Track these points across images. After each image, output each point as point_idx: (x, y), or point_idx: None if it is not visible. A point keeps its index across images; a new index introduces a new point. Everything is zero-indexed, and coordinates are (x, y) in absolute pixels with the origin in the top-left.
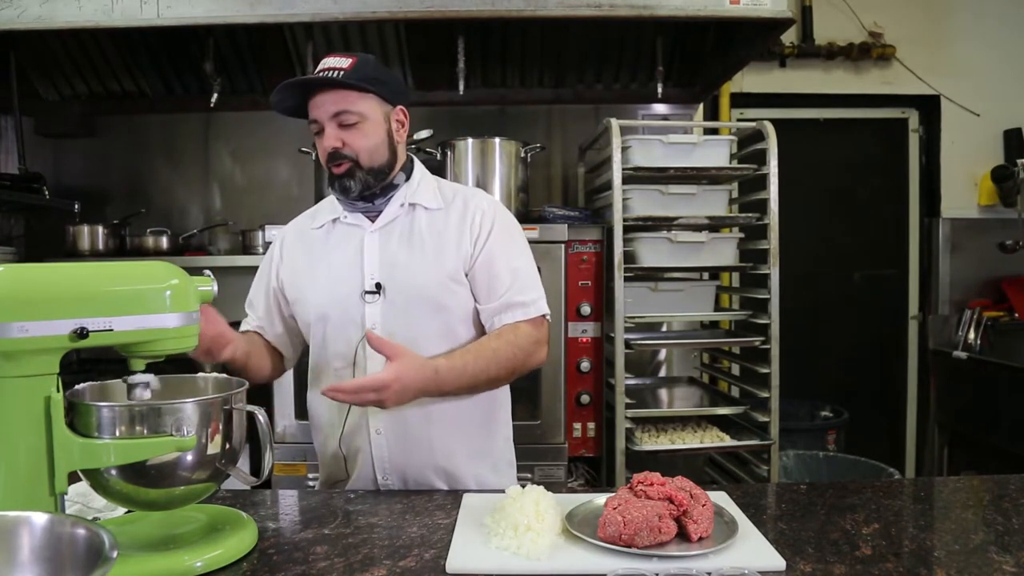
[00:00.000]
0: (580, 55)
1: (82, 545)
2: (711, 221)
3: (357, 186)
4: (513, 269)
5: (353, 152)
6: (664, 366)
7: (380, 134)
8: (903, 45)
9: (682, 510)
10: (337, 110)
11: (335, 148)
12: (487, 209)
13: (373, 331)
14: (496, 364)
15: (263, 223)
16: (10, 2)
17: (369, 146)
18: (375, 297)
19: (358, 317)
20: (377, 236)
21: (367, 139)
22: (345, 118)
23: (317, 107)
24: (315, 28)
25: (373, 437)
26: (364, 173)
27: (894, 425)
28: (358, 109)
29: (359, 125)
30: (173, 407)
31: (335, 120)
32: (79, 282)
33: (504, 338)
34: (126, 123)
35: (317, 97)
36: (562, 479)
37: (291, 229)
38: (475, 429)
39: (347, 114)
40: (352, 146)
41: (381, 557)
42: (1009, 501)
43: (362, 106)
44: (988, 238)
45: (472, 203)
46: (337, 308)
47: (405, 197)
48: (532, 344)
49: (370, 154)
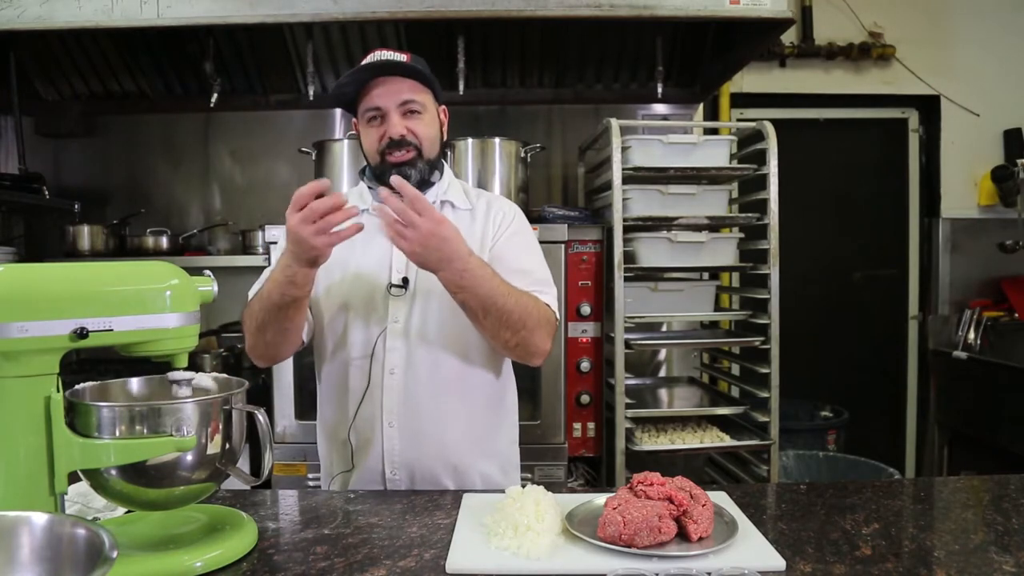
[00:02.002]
0: (580, 55)
1: (82, 545)
2: (711, 221)
3: (417, 175)
4: (529, 268)
5: (417, 140)
6: (664, 366)
7: (436, 127)
8: (903, 45)
9: (682, 510)
10: (405, 98)
11: (401, 135)
12: (508, 211)
13: (395, 325)
14: (513, 303)
15: (263, 223)
16: (10, 2)
17: (431, 136)
18: (401, 291)
19: (382, 310)
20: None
21: (429, 129)
22: (412, 105)
23: (384, 95)
24: (315, 28)
25: (386, 429)
26: (424, 162)
27: (894, 425)
28: (422, 99)
29: (423, 115)
30: (173, 407)
31: (402, 108)
32: (79, 282)
33: (526, 294)
34: (126, 123)
35: (383, 86)
36: (562, 479)
37: None
38: (485, 429)
39: (413, 103)
40: (417, 134)
41: (381, 557)
42: (1009, 501)
43: (424, 98)
44: (988, 238)
45: (495, 205)
46: (361, 299)
47: (437, 195)
48: (545, 322)
49: (431, 144)
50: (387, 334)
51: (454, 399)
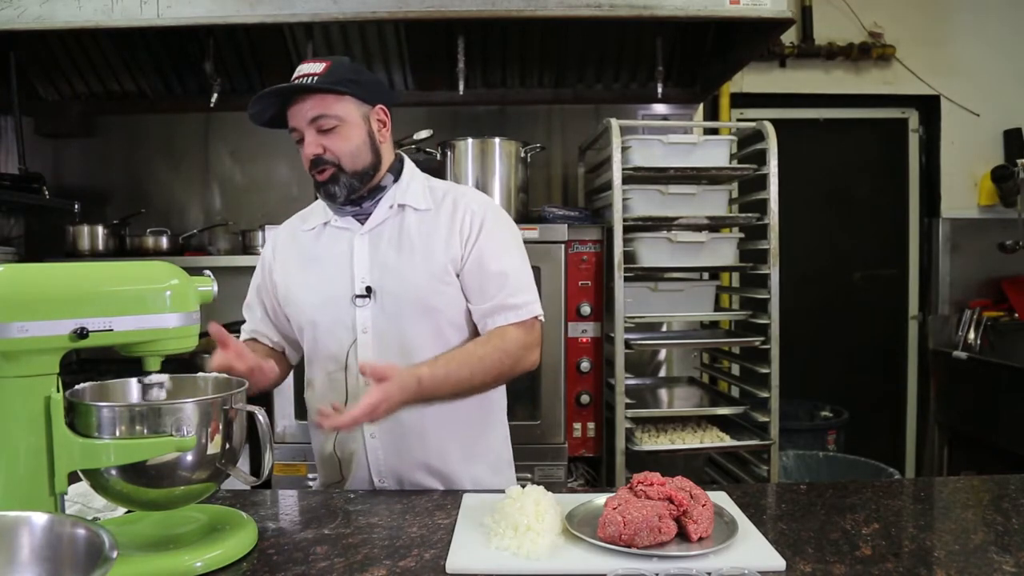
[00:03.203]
0: (580, 55)
1: (82, 545)
2: (711, 221)
3: (343, 191)
4: (504, 271)
5: (334, 157)
6: (664, 366)
7: (361, 136)
8: (903, 45)
9: (682, 510)
10: (314, 115)
11: (316, 155)
12: (477, 209)
13: (364, 335)
14: (482, 371)
15: (263, 223)
16: (10, 2)
17: (350, 149)
18: (365, 301)
19: (349, 321)
20: (367, 239)
21: (347, 142)
22: (323, 123)
23: (295, 115)
24: (315, 28)
25: (368, 441)
26: (348, 177)
27: (894, 425)
28: (335, 112)
29: (338, 129)
30: (173, 407)
31: (313, 126)
32: (79, 282)
33: (491, 344)
34: (126, 123)
35: (294, 106)
36: (562, 479)
37: (283, 230)
38: (470, 430)
39: (324, 119)
40: (333, 151)
41: (381, 557)
42: (1009, 501)
43: (339, 109)
44: (988, 238)
45: (462, 203)
46: (328, 312)
47: (394, 198)
48: (521, 349)
49: (352, 157)
50: (357, 344)
51: (435, 405)
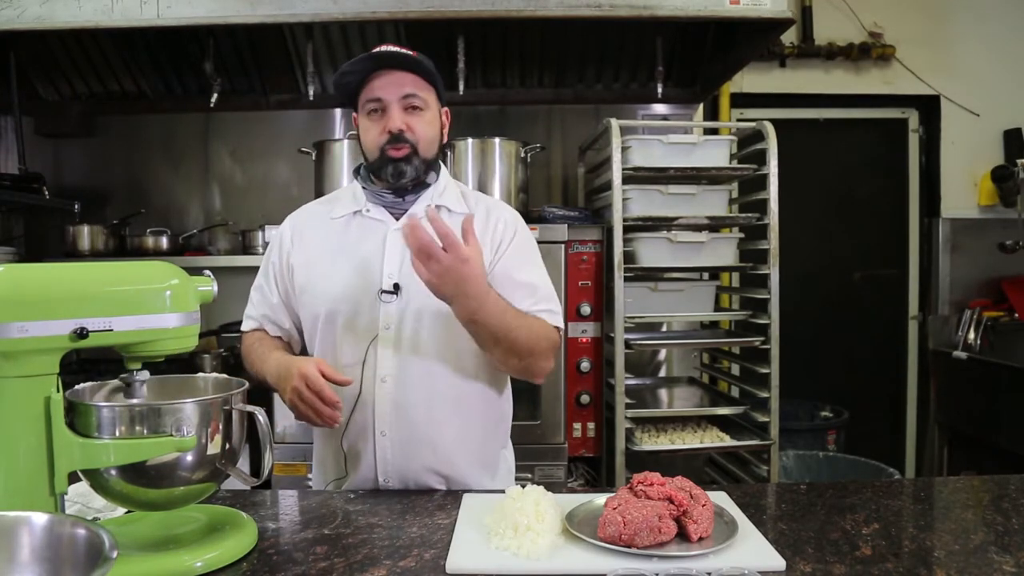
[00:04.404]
0: (580, 55)
1: (82, 545)
2: (711, 221)
3: (412, 173)
4: (532, 282)
5: (415, 138)
6: (664, 366)
7: (436, 127)
8: (903, 45)
9: (682, 510)
10: (409, 92)
11: (400, 129)
12: (509, 219)
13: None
14: (525, 332)
15: (263, 223)
16: (10, 2)
17: (429, 135)
18: (392, 297)
19: (372, 316)
20: (401, 234)
21: (429, 127)
22: (413, 101)
23: (385, 86)
24: (315, 28)
25: (378, 439)
26: (419, 161)
27: (894, 425)
28: (424, 96)
29: (423, 113)
30: (173, 407)
31: (403, 102)
32: (79, 282)
33: (539, 322)
34: (126, 123)
35: (384, 76)
36: (562, 479)
37: (304, 215)
38: (477, 439)
39: (416, 98)
40: (415, 131)
41: (381, 557)
42: (1009, 501)
43: (427, 95)
44: (988, 238)
45: (495, 211)
46: (350, 304)
47: (432, 198)
48: (551, 346)
49: (428, 143)
50: (378, 341)
51: (448, 408)
